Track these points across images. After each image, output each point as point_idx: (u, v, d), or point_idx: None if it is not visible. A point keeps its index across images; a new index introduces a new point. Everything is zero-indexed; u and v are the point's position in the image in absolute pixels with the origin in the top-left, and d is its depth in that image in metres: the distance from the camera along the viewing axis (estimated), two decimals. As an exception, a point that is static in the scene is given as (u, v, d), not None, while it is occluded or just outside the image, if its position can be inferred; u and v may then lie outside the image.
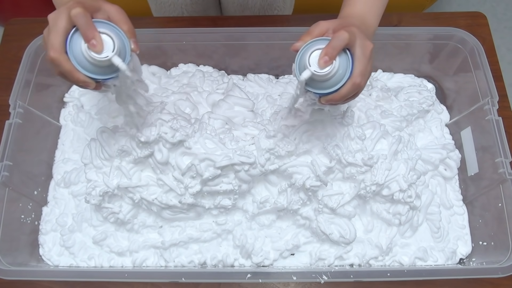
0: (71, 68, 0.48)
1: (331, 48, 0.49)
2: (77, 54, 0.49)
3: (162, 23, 0.89)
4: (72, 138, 0.80)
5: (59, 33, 0.48)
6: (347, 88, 0.51)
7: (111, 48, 0.49)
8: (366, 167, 0.66)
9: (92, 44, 0.47)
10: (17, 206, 0.71)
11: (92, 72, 0.50)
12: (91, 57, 0.48)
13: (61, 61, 0.48)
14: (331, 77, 0.51)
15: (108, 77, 0.51)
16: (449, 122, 0.82)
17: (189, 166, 0.64)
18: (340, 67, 0.51)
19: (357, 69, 0.50)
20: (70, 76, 0.49)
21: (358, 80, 0.50)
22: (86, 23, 0.47)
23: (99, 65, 0.49)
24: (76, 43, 0.49)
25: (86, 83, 0.50)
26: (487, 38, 0.86)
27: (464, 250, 0.73)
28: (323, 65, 0.49)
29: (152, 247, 0.71)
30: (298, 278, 0.64)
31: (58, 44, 0.48)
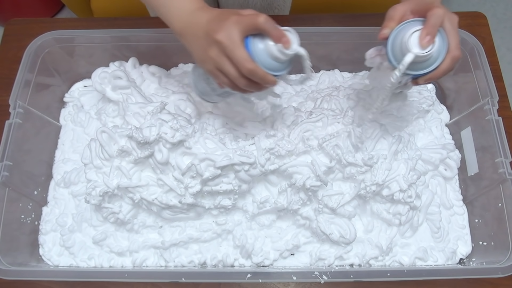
0: (264, 73, 0.51)
1: (432, 27, 0.50)
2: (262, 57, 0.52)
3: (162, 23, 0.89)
4: (72, 138, 0.80)
5: (241, 46, 0.50)
6: (447, 63, 0.52)
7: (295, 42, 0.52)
8: (366, 167, 0.66)
9: (285, 41, 0.50)
10: (17, 206, 0.71)
11: (277, 70, 0.53)
12: (284, 54, 0.51)
13: (257, 70, 0.51)
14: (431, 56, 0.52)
15: (286, 70, 0.54)
16: (449, 122, 0.82)
17: (189, 166, 0.64)
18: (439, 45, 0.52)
19: (453, 42, 0.52)
20: (263, 81, 0.52)
21: (457, 53, 0.52)
22: (273, 25, 0.50)
23: (285, 60, 0.52)
24: (257, 49, 0.51)
25: (274, 82, 0.53)
26: (487, 38, 0.86)
27: (464, 250, 0.73)
28: (426, 44, 0.50)
29: (152, 247, 0.71)
30: (298, 278, 0.64)
31: (248, 56, 0.50)
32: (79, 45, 0.80)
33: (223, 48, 0.50)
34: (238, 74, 0.51)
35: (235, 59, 0.50)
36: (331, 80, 0.84)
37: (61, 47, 0.79)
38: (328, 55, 0.83)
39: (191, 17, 0.54)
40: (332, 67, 0.86)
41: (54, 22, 0.92)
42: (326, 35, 0.78)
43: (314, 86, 0.83)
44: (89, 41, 0.79)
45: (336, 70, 0.86)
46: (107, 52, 0.81)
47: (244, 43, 0.51)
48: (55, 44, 0.78)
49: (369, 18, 0.90)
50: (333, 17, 0.90)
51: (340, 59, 0.85)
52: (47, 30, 0.77)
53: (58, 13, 1.73)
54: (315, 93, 0.79)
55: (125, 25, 0.88)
